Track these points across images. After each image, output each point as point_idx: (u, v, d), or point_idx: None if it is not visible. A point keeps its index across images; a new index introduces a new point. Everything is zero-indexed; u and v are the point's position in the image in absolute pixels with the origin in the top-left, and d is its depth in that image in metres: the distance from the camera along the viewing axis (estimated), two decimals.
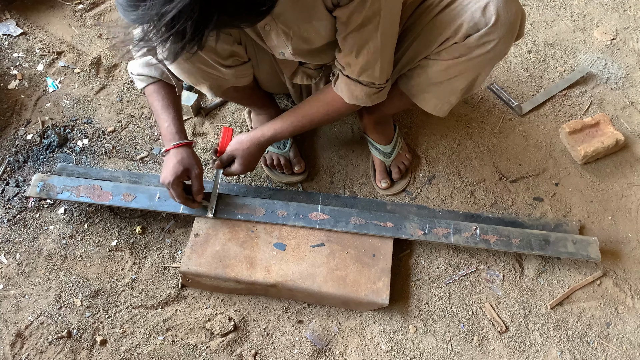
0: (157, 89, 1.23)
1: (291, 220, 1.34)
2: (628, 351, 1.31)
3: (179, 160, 1.21)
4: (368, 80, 1.12)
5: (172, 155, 1.22)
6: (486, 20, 1.03)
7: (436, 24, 1.10)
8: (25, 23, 1.77)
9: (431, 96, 1.24)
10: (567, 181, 1.56)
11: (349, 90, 1.15)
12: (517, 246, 1.35)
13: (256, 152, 1.30)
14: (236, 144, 1.29)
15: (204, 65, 1.11)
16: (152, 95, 1.24)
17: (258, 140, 1.27)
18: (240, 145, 1.28)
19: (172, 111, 1.24)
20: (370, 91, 1.15)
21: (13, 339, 1.24)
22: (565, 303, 1.37)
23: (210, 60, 1.10)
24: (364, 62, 1.07)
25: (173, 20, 0.64)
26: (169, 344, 1.26)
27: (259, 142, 1.28)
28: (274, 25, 1.03)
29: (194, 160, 1.24)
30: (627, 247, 1.46)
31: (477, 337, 1.31)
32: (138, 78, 1.23)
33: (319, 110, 1.25)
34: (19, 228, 1.39)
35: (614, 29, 1.94)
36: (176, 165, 1.20)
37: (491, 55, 1.09)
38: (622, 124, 1.69)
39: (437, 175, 1.55)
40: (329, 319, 1.32)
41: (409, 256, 1.41)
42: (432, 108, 1.27)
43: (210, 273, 1.27)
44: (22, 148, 1.51)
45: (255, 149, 1.29)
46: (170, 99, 1.24)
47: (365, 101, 1.17)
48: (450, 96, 1.23)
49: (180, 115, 1.27)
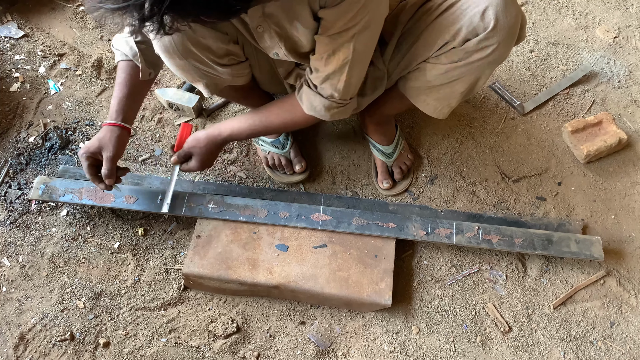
0: (125, 66, 1.22)
1: (293, 221, 1.34)
2: (632, 351, 1.30)
3: (100, 137, 1.19)
4: (329, 93, 1.09)
5: (101, 131, 1.21)
6: (485, 25, 1.02)
7: (435, 28, 1.09)
8: (26, 25, 1.77)
9: (431, 99, 1.24)
10: (569, 180, 1.56)
11: (309, 100, 1.13)
12: (519, 246, 1.35)
13: (214, 150, 1.29)
14: (193, 142, 1.27)
15: (199, 63, 1.10)
16: (119, 71, 1.23)
17: (215, 138, 1.26)
18: (197, 143, 1.27)
19: (125, 91, 1.22)
20: (330, 105, 1.12)
21: (16, 342, 1.24)
22: (568, 303, 1.36)
23: (205, 59, 1.09)
24: (330, 71, 1.05)
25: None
26: (171, 345, 1.26)
27: (215, 141, 1.26)
28: (267, 26, 1.03)
29: (114, 142, 1.20)
30: (630, 246, 1.45)
31: (480, 338, 1.31)
32: (117, 52, 1.22)
33: (278, 117, 1.23)
34: (21, 231, 1.39)
35: (617, 27, 1.93)
36: (94, 140, 1.19)
37: (490, 60, 1.08)
38: (625, 123, 1.68)
39: (440, 175, 1.55)
40: (332, 320, 1.32)
41: (411, 257, 1.41)
42: (432, 111, 1.27)
43: (212, 275, 1.27)
44: (24, 150, 1.51)
45: (213, 147, 1.27)
46: (131, 80, 1.22)
47: (323, 114, 1.15)
48: (450, 99, 1.23)
49: (133, 98, 1.24)
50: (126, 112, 1.22)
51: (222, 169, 1.52)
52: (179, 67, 1.12)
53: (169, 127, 1.59)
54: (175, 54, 1.07)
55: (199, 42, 1.06)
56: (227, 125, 1.26)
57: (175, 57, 1.08)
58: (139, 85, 1.25)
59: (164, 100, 1.59)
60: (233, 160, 1.54)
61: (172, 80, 1.68)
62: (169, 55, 1.08)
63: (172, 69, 1.13)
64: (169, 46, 1.05)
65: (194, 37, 1.04)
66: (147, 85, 1.29)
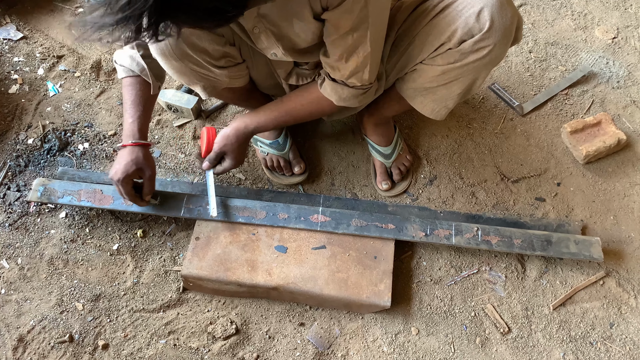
0: (133, 83, 1.23)
1: (292, 222, 1.34)
2: (632, 351, 1.30)
3: (132, 159, 1.21)
4: (357, 84, 1.12)
5: (127, 153, 1.22)
6: (480, 26, 1.02)
7: (431, 29, 1.09)
8: (25, 27, 1.77)
9: (428, 100, 1.24)
10: (569, 181, 1.56)
11: (337, 93, 1.16)
12: (519, 247, 1.35)
13: (244, 143, 1.29)
14: (223, 140, 1.28)
15: (196, 65, 1.10)
16: (126, 88, 1.24)
17: (243, 132, 1.26)
18: (227, 141, 1.27)
19: (141, 109, 1.23)
20: (357, 92, 1.15)
21: (15, 344, 1.24)
22: (568, 304, 1.36)
23: (202, 61, 1.09)
24: (354, 67, 1.07)
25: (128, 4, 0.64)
26: (170, 347, 1.26)
27: (244, 134, 1.27)
28: (263, 27, 1.03)
29: (148, 162, 1.24)
30: (630, 246, 1.45)
31: (480, 339, 1.31)
32: (120, 67, 1.23)
33: (305, 109, 1.25)
34: (20, 232, 1.39)
35: (615, 27, 1.93)
36: (129, 163, 1.20)
37: (486, 61, 1.08)
38: (624, 123, 1.68)
39: (439, 176, 1.55)
40: (331, 321, 1.32)
41: (410, 258, 1.41)
42: (429, 112, 1.27)
43: (211, 276, 1.26)
44: (23, 152, 1.51)
45: (243, 141, 1.28)
46: (143, 96, 1.23)
47: (353, 102, 1.18)
48: (447, 100, 1.23)
49: (147, 115, 1.26)
50: (144, 130, 1.25)
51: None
52: (175, 70, 1.12)
53: (168, 128, 1.59)
54: (172, 57, 1.07)
55: (195, 44, 1.06)
56: (253, 119, 1.26)
57: (171, 60, 1.08)
58: (150, 100, 1.26)
59: (163, 102, 1.59)
60: None
61: (171, 81, 1.68)
62: (165, 58, 1.08)
63: (169, 72, 1.13)
64: (165, 49, 1.06)
65: (190, 40, 1.05)
66: (155, 97, 1.30)
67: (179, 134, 1.58)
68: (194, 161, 1.52)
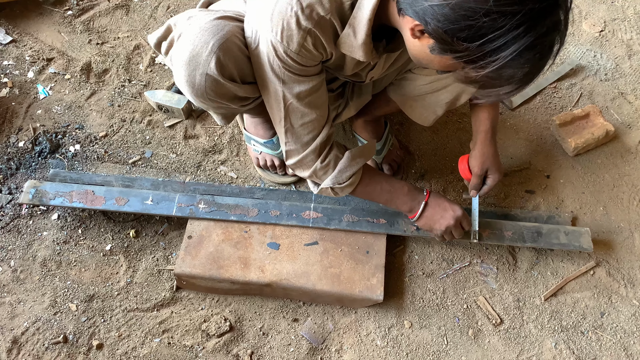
0: (369, 171, 1.24)
1: (284, 219, 1.34)
2: (622, 340, 1.32)
3: (449, 202, 1.25)
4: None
5: (438, 199, 1.26)
6: None
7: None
8: (14, 30, 1.77)
9: (417, 105, 1.28)
10: (558, 173, 1.57)
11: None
12: (510, 239, 1.36)
13: (495, 147, 1.29)
14: (481, 157, 1.26)
15: (217, 104, 1.07)
16: (370, 183, 1.24)
17: (485, 137, 1.26)
18: (486, 157, 1.27)
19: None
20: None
21: (9, 346, 1.24)
22: (559, 294, 1.38)
23: (230, 104, 1.07)
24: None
25: None
26: (165, 346, 1.26)
27: (489, 139, 1.26)
28: (381, 62, 1.07)
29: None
30: (619, 236, 1.46)
31: (472, 331, 1.32)
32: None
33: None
34: (12, 235, 1.39)
35: (602, 20, 1.95)
36: (455, 207, 1.25)
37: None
38: (612, 115, 1.70)
39: (430, 170, 1.56)
40: (324, 316, 1.33)
41: (402, 252, 1.42)
42: (417, 117, 1.32)
43: (204, 274, 1.27)
44: (14, 155, 1.51)
45: (494, 144, 1.28)
46: (376, 171, 1.27)
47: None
48: (436, 107, 1.27)
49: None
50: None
51: (213, 169, 1.52)
52: (197, 103, 1.08)
53: (159, 129, 1.60)
54: (200, 97, 1.03)
55: (228, 93, 1.03)
56: (486, 122, 1.26)
57: (198, 99, 1.04)
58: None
59: (153, 102, 1.59)
60: (223, 161, 1.54)
61: (161, 82, 1.69)
62: (194, 95, 1.03)
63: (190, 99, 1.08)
64: (198, 89, 1.01)
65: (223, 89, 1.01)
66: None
67: (170, 134, 1.59)
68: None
